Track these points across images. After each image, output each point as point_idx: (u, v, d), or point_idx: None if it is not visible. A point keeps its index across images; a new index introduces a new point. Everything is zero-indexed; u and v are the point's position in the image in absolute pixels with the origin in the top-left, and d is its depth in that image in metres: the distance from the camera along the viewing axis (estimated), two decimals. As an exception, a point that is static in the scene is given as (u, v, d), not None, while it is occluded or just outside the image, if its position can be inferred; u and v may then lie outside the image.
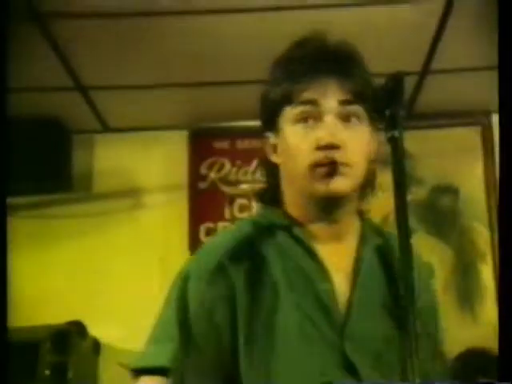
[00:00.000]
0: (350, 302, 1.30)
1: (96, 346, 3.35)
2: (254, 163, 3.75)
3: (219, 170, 3.75)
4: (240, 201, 3.72)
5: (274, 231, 1.35)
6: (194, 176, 3.73)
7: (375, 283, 1.34)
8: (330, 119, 1.29)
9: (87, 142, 3.74)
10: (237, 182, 3.73)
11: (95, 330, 3.31)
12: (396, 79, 1.24)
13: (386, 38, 2.96)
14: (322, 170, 1.28)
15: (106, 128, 3.73)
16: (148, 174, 3.73)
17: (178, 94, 3.47)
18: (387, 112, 1.13)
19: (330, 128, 1.28)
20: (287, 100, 1.32)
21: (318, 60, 1.32)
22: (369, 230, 1.39)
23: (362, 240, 1.37)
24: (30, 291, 3.43)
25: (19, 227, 3.30)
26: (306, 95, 1.30)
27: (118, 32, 2.93)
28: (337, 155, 1.27)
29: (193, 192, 3.71)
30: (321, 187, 1.28)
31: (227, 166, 3.76)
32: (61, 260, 3.57)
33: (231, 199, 3.71)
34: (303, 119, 1.31)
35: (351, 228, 1.37)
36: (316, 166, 1.28)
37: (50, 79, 3.23)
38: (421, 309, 1.26)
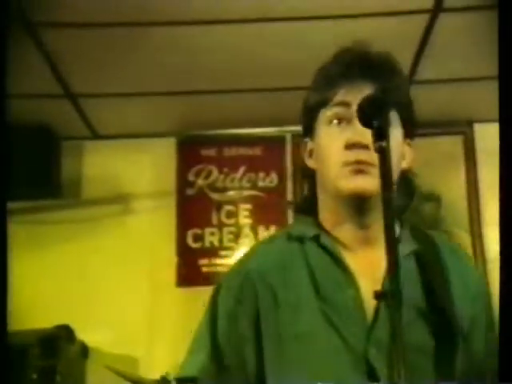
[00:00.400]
0: (377, 309, 1.29)
1: (84, 350, 3.38)
2: (241, 170, 3.81)
3: (207, 176, 3.80)
4: (227, 207, 3.77)
5: (304, 242, 1.38)
6: (182, 182, 3.78)
7: (407, 289, 1.28)
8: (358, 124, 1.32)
9: (76, 148, 3.78)
10: (224, 189, 3.79)
11: (83, 335, 3.34)
12: (384, 90, 1.32)
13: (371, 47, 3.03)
14: (350, 169, 1.31)
15: (95, 135, 3.77)
16: (137, 180, 3.77)
17: (167, 102, 3.52)
18: (375, 123, 1.14)
19: (359, 128, 1.27)
20: (323, 103, 1.36)
21: (354, 65, 1.35)
22: (407, 235, 1.39)
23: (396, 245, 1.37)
24: (18, 296, 3.45)
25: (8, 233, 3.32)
26: (340, 97, 1.34)
27: (108, 41, 2.97)
28: (365, 155, 1.29)
29: (181, 198, 3.76)
30: (348, 185, 1.31)
31: (215, 172, 3.81)
32: (49, 265, 3.60)
33: (218, 205, 3.77)
34: (336, 120, 1.35)
35: (360, 224, 1.37)
36: (345, 165, 1.31)
37: (41, 87, 3.26)
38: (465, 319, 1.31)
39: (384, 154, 1.13)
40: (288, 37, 2.97)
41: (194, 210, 3.75)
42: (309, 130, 1.41)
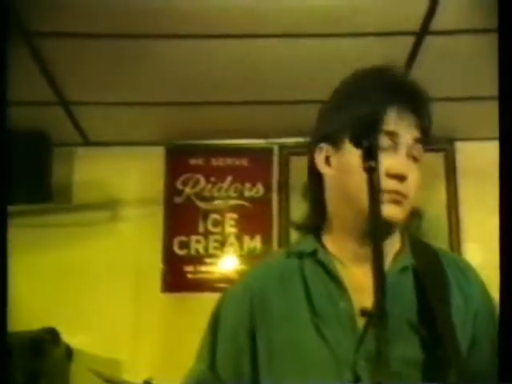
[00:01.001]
0: (367, 322, 1.30)
1: (68, 352, 3.42)
2: (228, 180, 3.88)
3: (194, 185, 3.86)
4: (213, 216, 3.84)
5: (302, 257, 1.42)
6: (170, 191, 3.84)
7: (401, 303, 1.34)
8: (403, 152, 1.35)
9: (68, 154, 3.83)
10: (211, 198, 3.85)
11: (68, 337, 3.38)
12: (375, 111, 1.35)
13: (357, 66, 3.10)
14: (387, 197, 1.32)
15: (86, 142, 3.83)
16: (126, 187, 3.82)
17: (157, 112, 3.57)
18: (365, 143, 1.16)
19: (403, 160, 1.33)
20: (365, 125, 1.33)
21: (396, 92, 1.35)
22: (407, 250, 1.41)
23: (392, 261, 1.39)
24: (6, 298, 3.49)
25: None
26: (389, 127, 1.34)
27: (102, 52, 3.02)
28: (402, 186, 1.33)
29: (168, 206, 3.83)
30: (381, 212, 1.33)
31: (202, 182, 3.87)
32: (37, 268, 3.64)
33: (205, 214, 3.83)
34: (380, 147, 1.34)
35: (387, 250, 1.35)
36: (383, 191, 1.31)
37: (34, 94, 3.31)
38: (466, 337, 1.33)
39: (373, 174, 1.14)
40: (276, 52, 3.04)
41: (180, 218, 3.82)
42: (333, 140, 1.40)
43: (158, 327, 3.61)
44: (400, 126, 1.35)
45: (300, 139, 4.03)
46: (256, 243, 3.79)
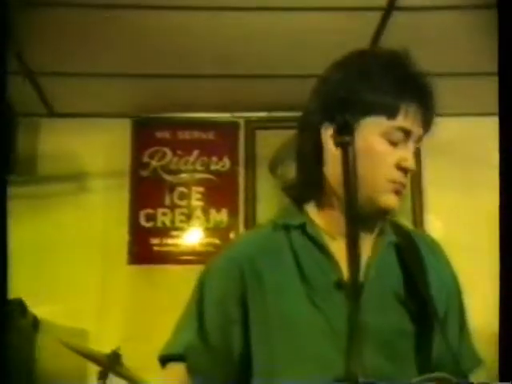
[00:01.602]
0: (361, 292, 1.32)
1: (35, 323, 3.43)
2: (195, 153, 3.89)
3: (161, 158, 3.87)
4: (180, 189, 3.85)
5: (289, 230, 1.43)
6: (136, 163, 3.85)
7: (388, 276, 1.40)
8: (412, 145, 1.38)
9: (33, 125, 3.79)
10: (177, 171, 3.86)
11: (35, 308, 3.39)
12: (323, 92, 1.39)
13: (324, 42, 3.12)
14: (393, 187, 1.36)
15: (51, 113, 3.80)
16: (91, 159, 3.81)
17: (124, 84, 3.56)
18: (338, 118, 1.18)
19: (412, 154, 1.38)
20: (378, 114, 1.36)
21: (411, 87, 1.37)
22: (388, 228, 1.45)
23: (378, 237, 1.43)
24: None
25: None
26: (403, 123, 1.36)
27: (69, 21, 2.99)
28: (405, 178, 1.38)
29: (134, 179, 3.83)
30: (386, 201, 1.36)
31: (169, 155, 3.88)
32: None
33: (172, 187, 3.84)
34: (392, 140, 1.37)
35: (371, 226, 1.43)
36: (391, 181, 1.36)
37: (-2, 63, 3.27)
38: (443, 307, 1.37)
39: (347, 148, 1.16)
40: (246, 26, 3.05)
41: (147, 191, 3.83)
42: (343, 121, 1.36)
43: (124, 298, 3.63)
44: (413, 123, 1.37)
45: (265, 113, 4.08)
46: (222, 216, 3.82)
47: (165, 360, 1.46)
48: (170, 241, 3.80)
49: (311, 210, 1.45)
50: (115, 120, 3.83)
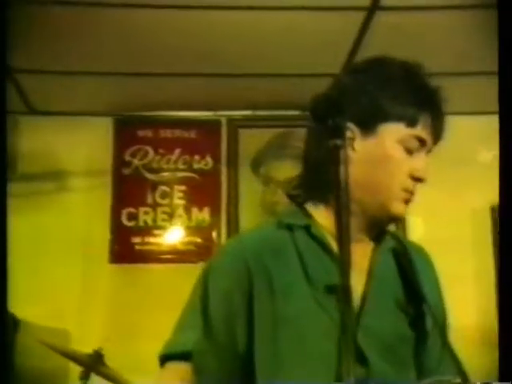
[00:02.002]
0: (365, 296, 1.36)
1: (15, 323, 3.40)
2: (177, 152, 3.88)
3: (143, 157, 3.85)
4: (162, 188, 3.84)
5: (293, 230, 1.42)
6: (118, 162, 3.83)
7: (389, 281, 1.42)
8: (424, 156, 1.41)
9: (13, 123, 3.75)
10: (159, 170, 3.85)
11: (15, 308, 3.35)
12: (340, 90, 1.39)
13: (307, 41, 3.13)
14: (405, 196, 1.39)
15: (32, 110, 3.77)
16: (73, 158, 3.79)
17: (106, 82, 3.54)
18: (330, 121, 1.18)
19: (424, 162, 1.40)
20: (399, 120, 1.38)
21: (430, 101, 1.40)
22: (387, 234, 1.47)
23: (379, 242, 1.45)
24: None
25: None
26: (420, 133, 1.39)
27: (50, 19, 2.97)
28: (415, 187, 1.40)
29: (116, 177, 3.82)
30: (397, 209, 1.39)
31: (150, 153, 3.87)
32: (-18, 239, 3.59)
33: (154, 186, 3.83)
34: (409, 148, 1.39)
35: (375, 232, 1.45)
36: (403, 190, 1.38)
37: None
38: (432, 307, 1.37)
39: (338, 153, 1.17)
40: (228, 25, 3.04)
41: (129, 190, 3.81)
42: (364, 124, 1.40)
43: (106, 298, 3.62)
44: (428, 133, 1.40)
45: (248, 112, 4.08)
46: (204, 215, 3.81)
47: (165, 359, 1.43)
48: (151, 240, 3.79)
49: (316, 211, 1.45)
50: (97, 118, 3.81)
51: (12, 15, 2.89)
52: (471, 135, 3.56)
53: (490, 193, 3.76)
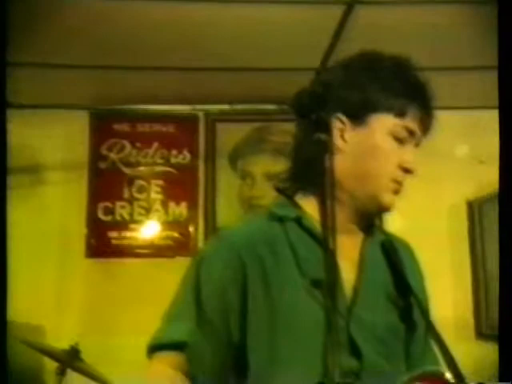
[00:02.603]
0: (356, 288, 1.38)
1: (-10, 319, 3.37)
2: (154, 146, 3.86)
3: (119, 151, 3.83)
4: (139, 182, 3.82)
5: (285, 222, 1.42)
6: (95, 156, 3.80)
7: (379, 274, 1.43)
8: (413, 147, 1.43)
9: (-13, 117, 3.72)
10: (136, 164, 3.83)
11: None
12: (325, 86, 1.39)
13: (287, 34, 3.12)
14: (394, 187, 1.41)
15: (8, 104, 3.72)
16: (49, 151, 3.75)
17: (82, 75, 3.50)
18: (313, 116, 1.21)
19: (413, 153, 1.42)
20: (388, 112, 1.39)
21: (417, 89, 1.42)
22: (376, 227, 1.50)
23: (369, 234, 1.47)
24: None
25: None
26: (410, 124, 1.40)
27: (28, 9, 2.94)
28: (404, 178, 1.42)
29: (93, 171, 3.79)
30: (387, 200, 1.41)
31: (127, 147, 3.84)
32: (-44, 233, 3.55)
33: (130, 180, 3.81)
34: (398, 139, 1.41)
35: (365, 224, 1.47)
36: (393, 181, 1.40)
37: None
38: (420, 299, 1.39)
39: (322, 146, 1.19)
40: (206, 18, 3.02)
41: (105, 184, 3.79)
42: (354, 114, 1.41)
43: (82, 292, 3.59)
44: (417, 125, 1.42)
45: (226, 106, 4.06)
46: (181, 209, 3.80)
47: (155, 349, 1.42)
48: (128, 234, 3.77)
49: (306, 203, 1.45)
50: (73, 112, 3.78)
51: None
52: (447, 130, 3.58)
53: (466, 187, 3.81)
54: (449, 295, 3.50)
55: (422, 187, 3.53)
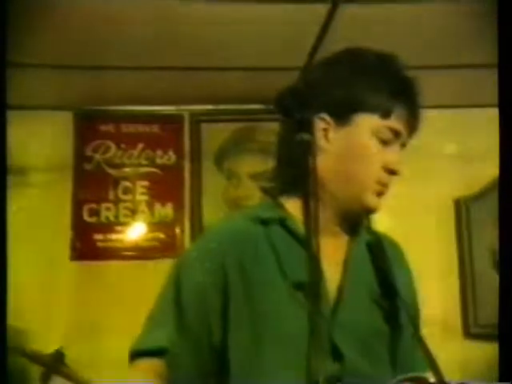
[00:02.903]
0: (340, 291, 1.36)
1: (-27, 323, 3.33)
2: (139, 147, 3.83)
3: (104, 152, 3.80)
4: (124, 183, 3.79)
5: (268, 223, 1.41)
6: (79, 157, 3.77)
7: (364, 275, 1.41)
8: (398, 148, 1.41)
9: (-30, 118, 3.69)
10: (121, 165, 3.80)
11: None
12: (308, 84, 1.39)
13: (272, 32, 3.11)
14: (378, 189, 1.39)
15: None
16: (33, 152, 3.72)
17: (66, 75, 3.48)
18: (297, 115, 1.18)
19: (398, 155, 1.40)
20: (373, 111, 1.37)
21: (403, 89, 1.40)
22: (362, 228, 1.47)
23: (354, 235, 1.45)
24: None
25: None
26: (394, 124, 1.38)
27: (12, 10, 2.91)
28: (389, 179, 1.41)
29: (77, 173, 3.75)
30: (371, 202, 1.39)
31: (112, 148, 3.81)
32: None
33: (116, 181, 3.78)
34: (383, 139, 1.39)
35: (349, 225, 1.45)
36: (377, 183, 1.39)
37: None
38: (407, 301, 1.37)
39: (305, 146, 1.16)
40: (190, 16, 3.00)
41: (90, 185, 3.75)
42: (338, 114, 1.39)
43: (68, 295, 3.56)
44: (402, 125, 1.40)
45: (211, 106, 4.04)
46: (167, 211, 3.77)
47: (136, 355, 1.40)
48: (114, 236, 3.74)
49: (290, 204, 1.43)
50: (57, 112, 3.74)
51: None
52: (435, 128, 3.58)
53: (453, 185, 3.80)
54: (436, 294, 3.49)
55: (409, 185, 3.53)
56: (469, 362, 3.30)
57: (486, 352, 3.29)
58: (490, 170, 3.45)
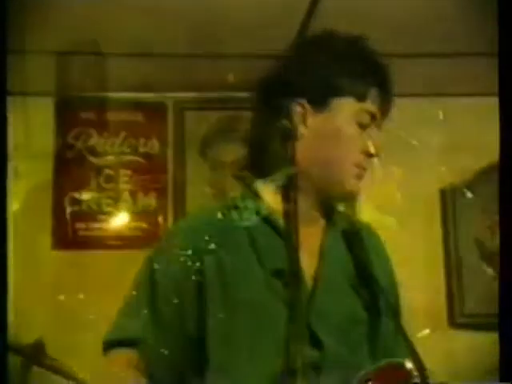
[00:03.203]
0: (316, 279, 1.37)
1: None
2: (122, 135, 3.79)
3: (86, 140, 3.76)
4: (107, 171, 3.75)
5: (243, 213, 1.40)
6: (60, 145, 3.72)
7: (341, 263, 1.42)
8: (376, 131, 1.42)
9: (-51, 104, 3.63)
10: (104, 153, 3.75)
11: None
12: (286, 69, 1.38)
13: (255, 19, 3.08)
14: (358, 172, 1.40)
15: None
16: (12, 140, 3.65)
17: (46, 61, 3.43)
18: (275, 102, 1.21)
19: (376, 138, 1.40)
20: (350, 95, 1.38)
21: (376, 72, 1.41)
22: (338, 215, 1.48)
23: (330, 223, 1.46)
24: None
25: None
26: (371, 107, 1.40)
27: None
28: (367, 162, 1.41)
29: (58, 161, 3.71)
30: (352, 186, 1.40)
31: (94, 136, 3.77)
32: None
33: (98, 170, 3.73)
34: (361, 123, 1.40)
35: (323, 209, 1.46)
36: (356, 166, 1.40)
37: None
38: (384, 287, 1.38)
39: (285, 132, 1.18)
40: (173, 2, 2.98)
41: (72, 173, 3.71)
42: (315, 99, 1.40)
43: (49, 285, 3.52)
44: (377, 108, 1.42)
45: (195, 94, 4.00)
46: (150, 200, 3.74)
47: (110, 345, 1.40)
48: (96, 225, 3.70)
49: (264, 191, 1.43)
50: (37, 99, 3.67)
51: None
52: (420, 118, 3.57)
53: (439, 175, 3.79)
54: (422, 284, 3.49)
55: (395, 175, 3.52)
56: (454, 351, 3.30)
57: (472, 341, 3.29)
58: (476, 160, 3.44)
